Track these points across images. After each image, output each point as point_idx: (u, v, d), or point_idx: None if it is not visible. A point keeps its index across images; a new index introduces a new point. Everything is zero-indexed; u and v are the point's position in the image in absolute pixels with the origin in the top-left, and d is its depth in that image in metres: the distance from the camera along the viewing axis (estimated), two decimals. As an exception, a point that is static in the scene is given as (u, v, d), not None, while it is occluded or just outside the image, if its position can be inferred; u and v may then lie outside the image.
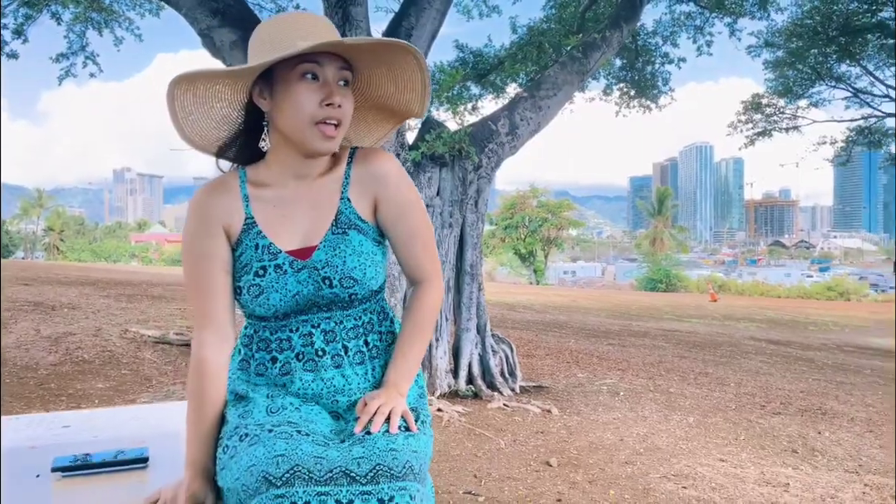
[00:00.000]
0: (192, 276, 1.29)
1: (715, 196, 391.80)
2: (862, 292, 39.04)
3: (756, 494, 3.30)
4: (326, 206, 1.31)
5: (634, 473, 3.48)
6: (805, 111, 15.51)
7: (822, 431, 4.78)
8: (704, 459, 3.82)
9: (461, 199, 4.83)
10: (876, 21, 11.90)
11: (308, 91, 1.21)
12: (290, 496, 1.04)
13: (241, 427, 1.20)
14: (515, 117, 5.09)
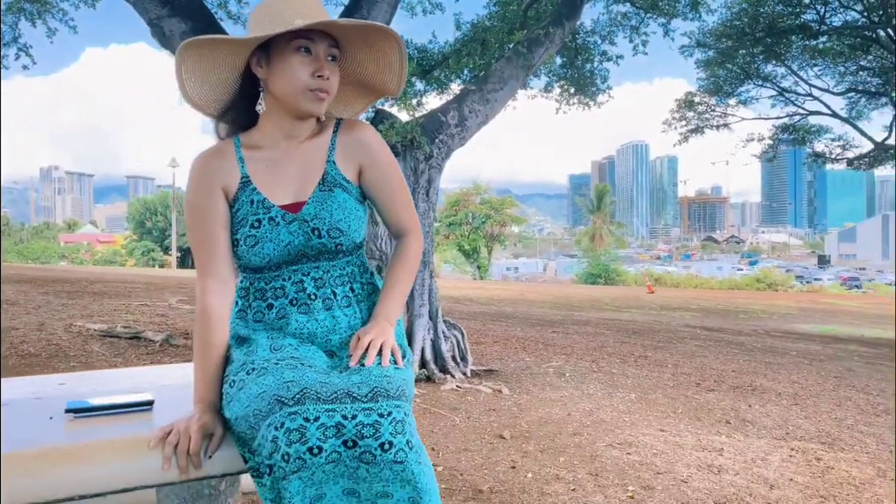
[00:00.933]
0: (195, 232, 1.42)
1: (651, 193, 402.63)
2: (788, 284, 40.85)
3: (693, 458, 3.56)
4: (314, 167, 1.47)
5: (582, 443, 3.69)
6: (734, 109, 16.24)
7: (752, 405, 5.11)
8: (646, 430, 4.07)
9: (413, 188, 4.97)
10: (799, 23, 12.56)
11: (302, 63, 1.38)
12: (303, 412, 1.17)
13: (247, 363, 1.32)
14: (464, 110, 5.26)
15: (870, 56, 14.44)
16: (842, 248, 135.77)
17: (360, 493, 1.17)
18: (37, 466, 1.06)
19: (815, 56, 14.52)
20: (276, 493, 1.18)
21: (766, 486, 3.22)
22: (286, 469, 1.16)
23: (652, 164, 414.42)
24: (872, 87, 15.48)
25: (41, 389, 1.47)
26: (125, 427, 1.24)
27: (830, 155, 16.98)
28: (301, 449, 1.16)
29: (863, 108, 16.27)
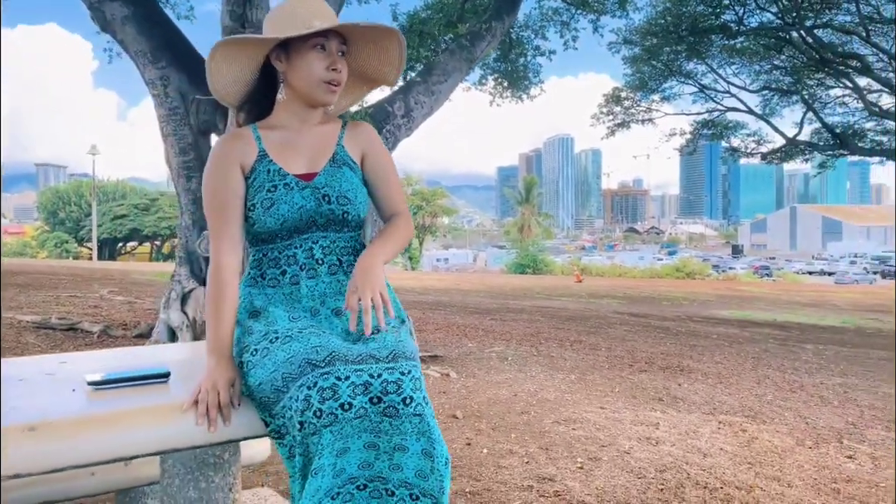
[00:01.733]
0: (212, 201, 1.57)
1: (576, 185, 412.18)
2: (705, 272, 42.77)
3: (633, 432, 3.80)
4: (326, 146, 1.64)
5: (530, 420, 3.88)
6: (658, 105, 16.93)
7: (681, 384, 5.45)
8: (587, 408, 4.30)
9: (361, 177, 5.05)
10: (719, 23, 13.18)
11: (319, 59, 1.56)
12: (334, 372, 1.28)
13: (269, 333, 1.42)
14: (410, 101, 5.36)
15: (783, 56, 15.29)
16: (753, 238, 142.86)
17: (379, 446, 1.28)
18: (66, 434, 1.12)
19: (732, 55, 15.27)
20: (304, 447, 1.29)
21: (700, 454, 3.49)
22: (317, 424, 1.27)
23: (577, 157, 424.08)
24: (785, 86, 16.38)
25: (47, 367, 1.51)
26: (145, 397, 1.30)
27: (746, 149, 17.91)
28: (334, 405, 1.27)
29: (776, 105, 17.21)
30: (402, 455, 1.29)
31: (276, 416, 1.35)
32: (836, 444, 3.96)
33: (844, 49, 13.88)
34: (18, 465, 1.06)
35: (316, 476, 1.26)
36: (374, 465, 1.28)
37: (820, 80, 15.90)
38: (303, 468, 1.30)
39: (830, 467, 3.48)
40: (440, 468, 1.31)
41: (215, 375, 1.41)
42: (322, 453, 1.27)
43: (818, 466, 3.48)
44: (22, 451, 1.07)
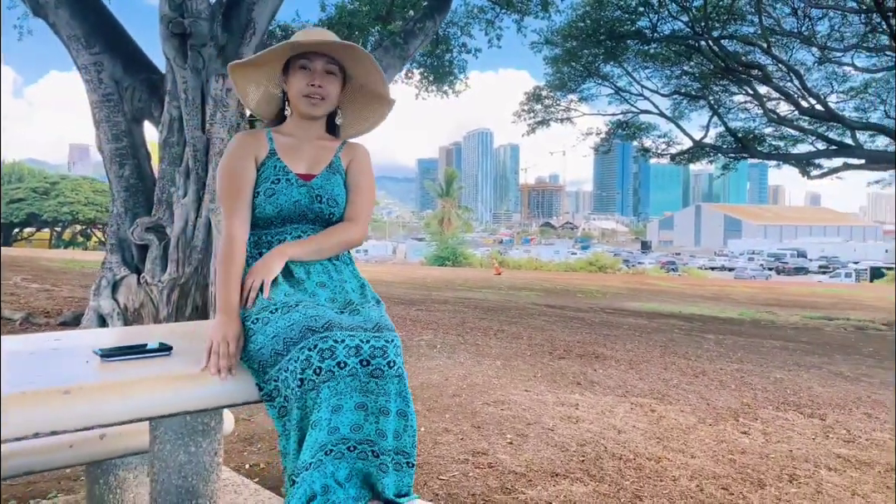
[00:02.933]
0: (229, 184, 1.79)
1: (494, 180, 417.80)
2: (616, 267, 44.46)
3: (556, 412, 4.12)
4: (325, 155, 1.89)
5: (462, 402, 4.14)
6: (577, 105, 17.57)
7: (596, 369, 5.84)
8: (514, 391, 4.60)
9: (297, 169, 5.14)
10: (635, 29, 13.85)
11: (301, 77, 1.83)
12: (332, 336, 1.48)
13: (268, 305, 1.60)
14: (345, 95, 5.46)
15: (691, 63, 16.16)
16: (661, 234, 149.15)
17: (367, 406, 1.51)
18: (94, 396, 1.26)
19: (646, 60, 16.04)
20: (302, 402, 1.49)
21: (615, 431, 3.84)
22: (316, 380, 1.47)
23: (496, 152, 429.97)
24: (693, 91, 17.31)
25: (47, 344, 1.62)
26: (148, 367, 1.44)
27: (656, 150, 18.84)
28: (332, 364, 1.48)
29: (684, 109, 18.18)
30: (386, 420, 1.52)
31: (270, 380, 1.53)
32: (732, 421, 4.40)
33: (747, 59, 14.85)
34: (55, 423, 1.19)
35: (314, 429, 1.47)
36: (363, 428, 1.52)
37: (724, 86, 16.91)
38: (299, 421, 1.50)
39: (728, 441, 3.89)
40: (412, 425, 1.55)
41: (225, 329, 1.60)
42: (321, 407, 1.47)
43: (717, 441, 3.89)
44: (57, 411, 1.20)
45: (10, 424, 1.17)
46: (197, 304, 4.74)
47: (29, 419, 1.18)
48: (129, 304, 4.76)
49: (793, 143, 17.86)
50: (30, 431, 1.16)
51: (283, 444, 1.54)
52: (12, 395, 1.19)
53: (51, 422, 1.19)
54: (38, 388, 1.21)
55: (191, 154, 4.73)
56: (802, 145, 17.57)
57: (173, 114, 4.83)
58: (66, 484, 2.67)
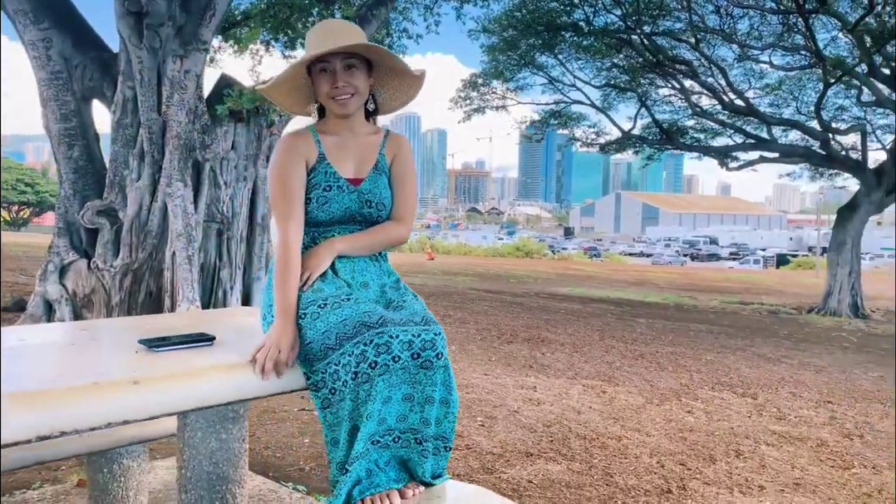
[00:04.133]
0: (283, 188, 1.79)
1: (422, 164, 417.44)
2: (542, 252, 45.42)
3: (517, 395, 4.29)
4: (370, 154, 1.91)
5: (427, 387, 4.25)
6: (512, 94, 17.82)
7: (544, 353, 6.07)
8: (474, 375, 4.74)
9: (255, 153, 5.08)
10: (571, 22, 14.15)
11: (323, 80, 1.82)
12: (387, 332, 1.54)
13: (317, 300, 1.65)
14: (302, 80, 5.41)
15: (621, 55, 16.65)
16: (583, 221, 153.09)
17: (413, 397, 1.59)
18: (161, 386, 1.29)
19: (579, 52, 16.42)
20: (355, 394, 1.55)
21: (575, 412, 4.04)
22: (371, 374, 1.53)
23: (424, 136, 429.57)
24: (622, 83, 17.84)
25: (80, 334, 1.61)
26: (201, 358, 1.47)
27: (587, 140, 19.36)
28: (387, 358, 1.54)
29: (613, 100, 18.72)
30: (430, 407, 1.61)
31: (318, 371, 1.59)
32: (676, 401, 4.69)
33: (673, 53, 15.44)
34: (125, 412, 1.22)
35: (368, 420, 1.55)
36: (408, 419, 1.61)
37: (651, 80, 17.52)
38: (351, 412, 1.57)
39: (675, 420, 4.16)
40: (453, 411, 1.65)
41: (281, 335, 1.61)
42: (375, 399, 1.55)
43: (666, 420, 4.15)
44: (128, 400, 1.23)
45: (76, 416, 1.18)
46: (151, 290, 4.64)
47: (93, 412, 1.19)
48: (78, 289, 4.61)
49: (712, 135, 18.70)
50: (102, 422, 1.19)
51: (330, 433, 1.60)
52: (78, 386, 1.20)
53: (116, 412, 1.21)
54: (104, 379, 1.23)
55: (146, 136, 4.60)
56: (721, 138, 18.44)
57: (127, 94, 4.67)
58: (49, 474, 2.62)
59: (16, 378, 1.22)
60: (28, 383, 1.19)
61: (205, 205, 4.83)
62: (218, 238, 4.96)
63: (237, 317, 2.08)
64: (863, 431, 4.27)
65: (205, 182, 4.80)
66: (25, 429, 1.09)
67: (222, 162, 4.84)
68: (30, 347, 1.49)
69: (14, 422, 1.09)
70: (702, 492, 2.89)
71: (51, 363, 1.38)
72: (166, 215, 4.64)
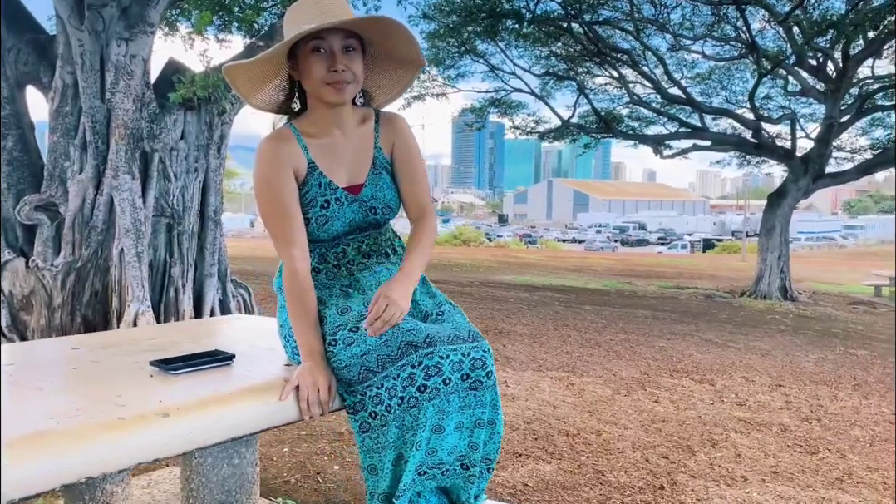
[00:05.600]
0: (274, 208, 1.55)
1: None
2: (479, 240, 45.71)
3: (488, 390, 4.22)
4: (365, 152, 1.67)
5: (399, 385, 4.13)
6: (453, 81, 17.71)
7: (505, 345, 6.03)
8: (441, 371, 4.65)
9: (206, 143, 4.81)
10: (513, 9, 14.13)
11: (317, 62, 1.54)
12: (437, 352, 1.41)
13: (346, 322, 1.48)
14: (254, 66, 5.16)
15: (560, 44, 16.78)
16: (516, 208, 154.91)
17: (463, 424, 1.47)
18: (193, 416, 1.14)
19: (519, 39, 16.46)
20: (401, 420, 1.41)
21: (551, 407, 4.00)
22: (419, 398, 1.40)
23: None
24: (560, 72, 18.00)
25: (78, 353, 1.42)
26: (220, 381, 1.32)
27: (526, 128, 19.48)
28: (437, 381, 1.41)
29: (551, 88, 18.88)
30: (479, 431, 1.49)
31: (356, 393, 1.45)
32: (641, 391, 4.73)
33: (610, 42, 15.66)
34: (155, 449, 1.06)
35: (416, 450, 1.43)
36: (458, 448, 1.49)
37: (588, 68, 17.75)
38: (396, 440, 1.43)
39: (646, 411, 4.18)
40: (499, 431, 1.54)
41: (316, 376, 1.45)
42: (424, 426, 1.42)
43: (637, 411, 4.17)
44: (159, 436, 1.07)
45: (103, 458, 1.02)
46: (96, 290, 4.34)
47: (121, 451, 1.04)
48: (15, 290, 4.26)
49: (646, 124, 19.13)
50: (132, 462, 1.03)
51: (368, 459, 1.47)
52: (103, 423, 1.04)
53: (147, 450, 1.06)
54: (132, 413, 1.07)
55: (88, 125, 4.27)
56: (655, 126, 18.89)
57: (66, 80, 4.32)
58: None
59: (26, 414, 1.05)
60: (40, 420, 1.02)
61: (154, 198, 4.54)
62: (168, 234, 4.68)
63: (235, 328, 1.91)
64: (819, 415, 4.41)
65: (153, 174, 4.51)
66: (49, 476, 0.93)
67: (171, 153, 4.56)
68: (25, 373, 1.30)
69: (35, 468, 0.92)
70: (692, 486, 2.90)
71: (60, 392, 1.20)
72: (112, 210, 4.34)
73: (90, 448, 0.98)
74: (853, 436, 3.96)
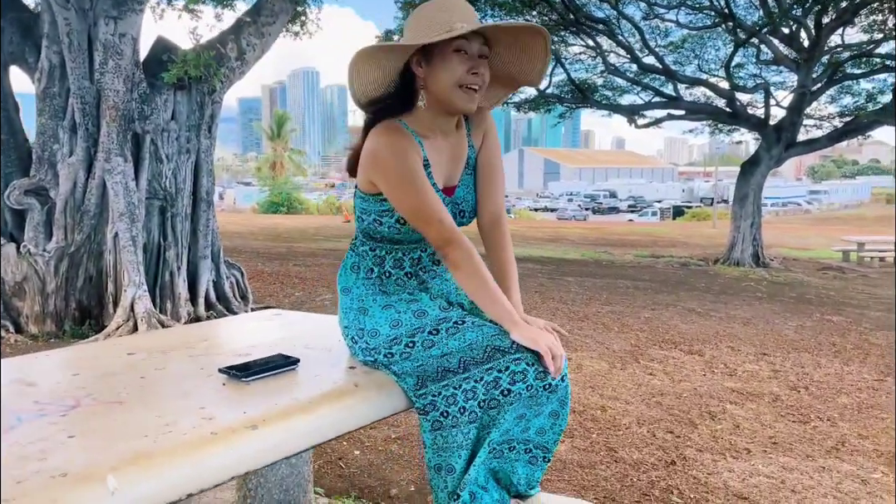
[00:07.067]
0: (423, 194, 1.52)
1: (322, 121, 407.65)
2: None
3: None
4: (461, 155, 1.67)
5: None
6: (428, 51, 17.54)
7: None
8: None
9: (198, 123, 4.72)
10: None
11: (460, 62, 1.53)
12: (524, 359, 1.45)
13: (423, 325, 1.51)
14: (242, 42, 5.07)
15: (535, 12, 16.67)
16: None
17: (526, 415, 1.50)
18: (274, 429, 1.15)
19: (494, 7, 16.31)
20: (481, 421, 1.47)
21: (553, 383, 4.07)
22: (503, 401, 1.43)
23: (323, 92, 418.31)
24: (536, 41, 17.91)
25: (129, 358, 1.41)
26: (293, 387, 1.33)
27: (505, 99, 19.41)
28: (521, 387, 1.44)
29: (527, 59, 18.80)
30: (538, 419, 1.52)
31: (427, 394, 1.47)
32: (635, 364, 4.84)
33: (589, 11, 15.62)
34: (246, 462, 1.07)
35: (486, 448, 1.48)
36: (510, 431, 1.53)
37: (563, 37, 17.69)
38: (473, 440, 1.46)
39: (643, 384, 4.28)
40: (560, 425, 1.57)
41: (544, 334, 1.49)
42: (500, 427, 1.45)
43: (635, 384, 4.27)
44: (248, 449, 1.08)
45: (200, 474, 1.02)
46: (91, 275, 4.27)
47: (216, 466, 1.04)
48: (7, 277, 4.18)
49: (620, 93, 19.19)
50: (226, 477, 1.04)
51: (436, 458, 1.49)
52: (199, 438, 1.03)
53: (238, 462, 1.07)
54: (223, 427, 1.08)
55: (78, 106, 4.15)
56: (629, 95, 18.96)
57: (53, 60, 4.18)
58: None
59: (119, 431, 1.05)
60: (136, 439, 1.02)
61: (146, 181, 4.46)
62: (161, 216, 4.61)
63: (277, 325, 1.91)
64: (806, 383, 4.55)
65: (145, 156, 4.42)
66: (155, 496, 0.94)
67: (163, 134, 4.46)
68: (95, 384, 1.29)
69: (143, 489, 0.93)
70: (700, 460, 2.99)
71: (142, 407, 1.18)
72: (105, 193, 4.26)
73: (189, 465, 0.98)
74: (841, 403, 4.10)
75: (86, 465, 0.91)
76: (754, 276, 11.95)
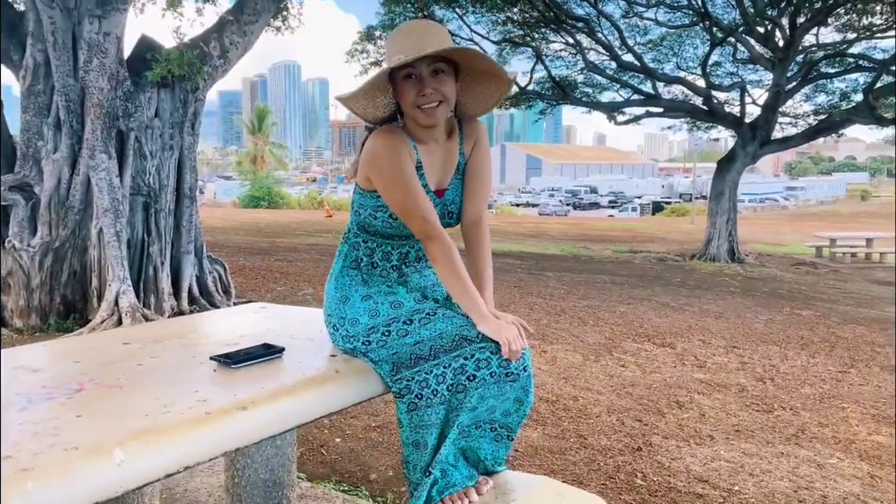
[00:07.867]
0: (415, 197, 1.66)
1: (303, 115, 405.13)
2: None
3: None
4: (452, 159, 1.80)
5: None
6: (410, 47, 17.59)
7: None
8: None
9: (181, 121, 4.79)
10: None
11: (408, 88, 1.67)
12: (488, 347, 1.57)
13: (399, 315, 1.63)
14: (225, 41, 5.14)
15: (516, 10, 16.79)
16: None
17: (492, 401, 1.64)
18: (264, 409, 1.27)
19: (476, 4, 16.41)
20: (448, 403, 1.59)
21: (528, 374, 4.22)
22: (469, 386, 1.56)
23: (304, 86, 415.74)
24: (517, 38, 18.04)
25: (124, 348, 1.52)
26: (279, 373, 1.45)
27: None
28: (485, 373, 1.57)
29: (508, 55, 18.92)
30: (507, 403, 1.66)
31: (403, 379, 1.60)
32: (608, 356, 4.99)
33: (569, 9, 15.78)
34: (235, 440, 1.19)
35: (453, 428, 1.62)
36: (477, 414, 1.66)
37: (544, 34, 17.84)
38: (443, 419, 1.60)
39: (615, 376, 4.44)
40: (525, 410, 1.72)
41: (509, 326, 1.61)
42: (466, 409, 1.59)
43: (607, 375, 4.42)
44: (237, 428, 1.20)
45: (194, 450, 1.13)
46: (75, 270, 4.33)
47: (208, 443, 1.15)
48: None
49: (600, 90, 19.38)
50: (218, 451, 1.15)
51: (413, 435, 1.62)
52: (193, 417, 1.15)
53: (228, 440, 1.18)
54: (215, 407, 1.20)
55: (62, 104, 4.21)
56: (608, 93, 19.16)
57: (38, 58, 4.23)
58: None
59: (120, 411, 1.17)
60: (136, 418, 1.14)
61: (130, 177, 4.53)
62: (145, 212, 4.68)
63: (263, 318, 2.02)
64: (772, 374, 4.74)
65: (129, 153, 4.49)
66: (157, 468, 1.05)
67: (147, 131, 4.53)
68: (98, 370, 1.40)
69: (145, 461, 1.04)
70: (665, 446, 3.15)
71: (141, 389, 1.30)
72: (89, 189, 4.32)
73: (186, 441, 1.09)
74: (804, 393, 4.28)
75: (94, 441, 1.03)
76: (729, 271, 12.18)
